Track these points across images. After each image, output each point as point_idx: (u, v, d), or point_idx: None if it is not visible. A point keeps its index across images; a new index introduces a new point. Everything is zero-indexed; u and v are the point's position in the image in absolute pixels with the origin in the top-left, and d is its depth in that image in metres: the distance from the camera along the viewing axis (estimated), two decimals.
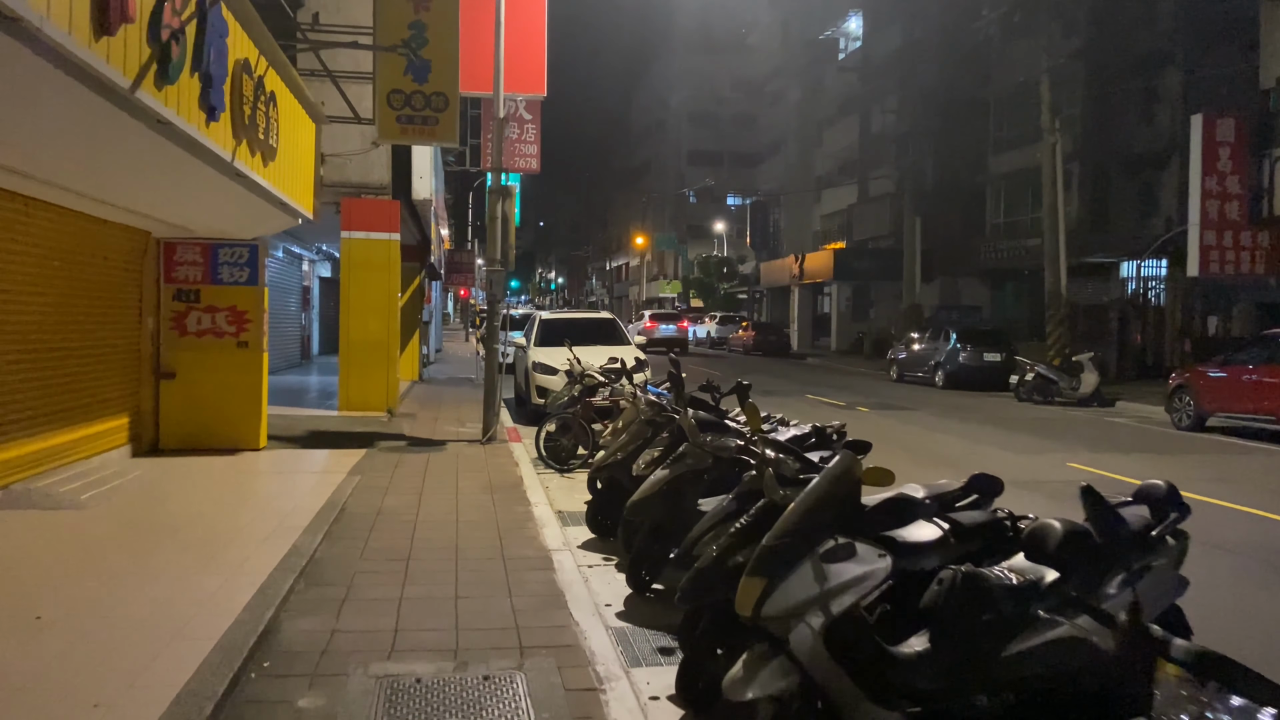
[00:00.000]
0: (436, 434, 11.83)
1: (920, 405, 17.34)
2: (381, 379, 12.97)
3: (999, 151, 32.49)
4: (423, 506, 7.66)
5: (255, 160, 7.46)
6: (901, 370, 23.57)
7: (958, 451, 11.58)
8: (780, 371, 27.27)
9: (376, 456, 10.07)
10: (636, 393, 7.36)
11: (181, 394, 10.19)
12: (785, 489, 4.07)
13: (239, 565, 5.61)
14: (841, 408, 16.37)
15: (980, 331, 22.24)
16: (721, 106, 71.16)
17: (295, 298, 22.93)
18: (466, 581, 5.62)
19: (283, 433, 11.28)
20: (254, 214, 9.13)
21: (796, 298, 41.02)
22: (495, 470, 9.47)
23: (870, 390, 20.86)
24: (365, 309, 12.96)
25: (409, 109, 10.67)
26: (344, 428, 11.90)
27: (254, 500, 7.71)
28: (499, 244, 11.32)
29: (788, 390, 19.96)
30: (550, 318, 15.58)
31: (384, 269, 12.98)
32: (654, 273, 73.61)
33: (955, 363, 21.14)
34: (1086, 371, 17.81)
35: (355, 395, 12.91)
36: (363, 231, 12.86)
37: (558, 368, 13.52)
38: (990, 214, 33.05)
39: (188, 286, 10.28)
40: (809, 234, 47.33)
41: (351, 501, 7.71)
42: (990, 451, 11.58)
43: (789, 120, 50.32)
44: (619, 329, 15.41)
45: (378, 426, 12.07)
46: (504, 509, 7.64)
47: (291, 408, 13.27)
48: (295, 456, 10.07)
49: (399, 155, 13.28)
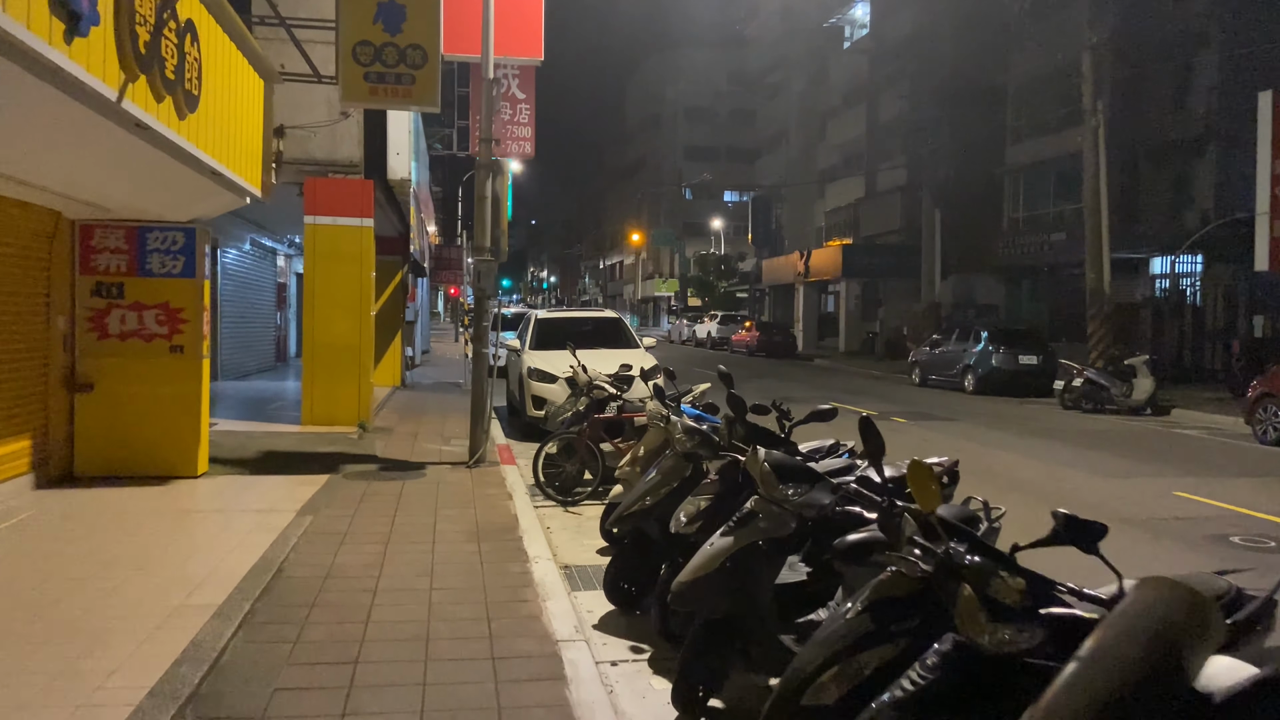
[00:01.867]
0: (415, 454, 10.01)
1: (959, 414, 15.57)
2: (352, 389, 11.14)
3: (1017, 141, 30.79)
4: (387, 564, 5.85)
5: (164, 108, 5.64)
6: (925, 373, 21.81)
7: (1033, 475, 9.82)
8: (790, 374, 25.50)
9: (339, 486, 8.25)
10: (671, 415, 5.56)
11: (102, 410, 8.36)
12: (1000, 627, 2.29)
13: (99, 684, 3.80)
14: (875, 418, 14.57)
15: (1014, 331, 20.49)
16: (719, 101, 69.52)
17: (269, 295, 21.07)
18: (438, 706, 3.82)
19: (230, 454, 9.44)
20: (182, 187, 7.31)
21: (802, 296, 39.26)
22: (484, 505, 7.66)
23: (895, 396, 19.09)
24: (333, 307, 11.14)
25: (379, 65, 8.85)
26: (306, 447, 10.07)
27: (167, 555, 5.89)
28: (488, 229, 9.51)
29: (805, 396, 18.16)
30: (547, 317, 13.77)
31: (355, 260, 11.16)
32: (649, 271, 71.81)
33: (987, 365, 19.39)
34: (1140, 376, 16.08)
35: (321, 408, 11.09)
36: (330, 216, 11.04)
37: (557, 375, 11.72)
38: (1008, 208, 31.34)
39: (109, 279, 8.45)
40: (812, 230, 45.59)
41: (294, 559, 5.89)
42: (1073, 476, 9.81)
43: (790, 113, 48.57)
44: (626, 329, 13.60)
45: (346, 445, 10.24)
46: (494, 567, 5.83)
47: (248, 421, 11.43)
48: (239, 487, 8.24)
49: (372, 128, 11.46)
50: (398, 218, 13.40)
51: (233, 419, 11.60)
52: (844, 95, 41.54)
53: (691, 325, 44.35)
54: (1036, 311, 29.82)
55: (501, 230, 9.59)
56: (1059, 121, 28.67)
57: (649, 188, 71.60)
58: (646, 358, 12.44)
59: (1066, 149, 28.26)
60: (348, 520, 6.96)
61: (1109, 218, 26.72)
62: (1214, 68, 24.46)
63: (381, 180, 11.61)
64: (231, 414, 12.27)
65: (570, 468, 8.38)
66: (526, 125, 18.03)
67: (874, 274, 34.50)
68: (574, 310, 15.83)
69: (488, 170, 9.52)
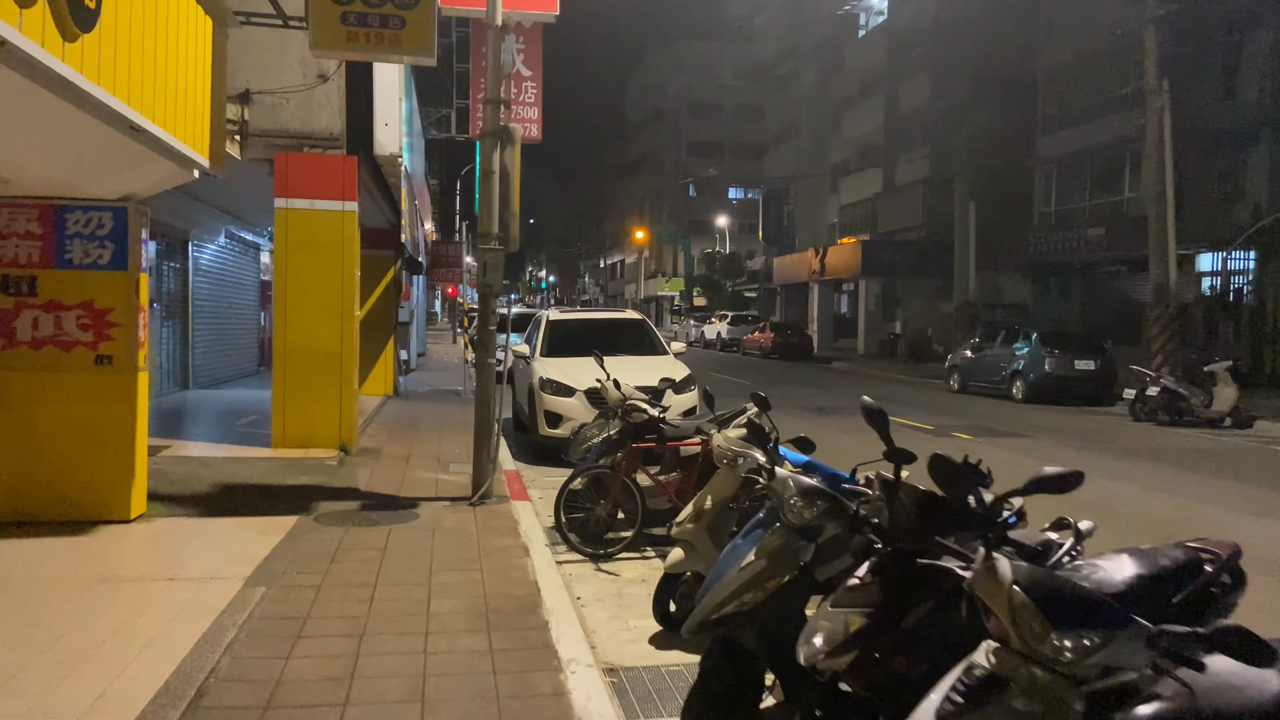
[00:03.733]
0: (406, 487, 8.22)
1: (1023, 427, 13.80)
2: (332, 404, 9.36)
3: (1050, 131, 29.02)
4: (360, 675, 4.08)
5: (33, 18, 3.87)
6: (965, 379, 20.05)
7: (1166, 512, 8.06)
8: (813, 380, 23.74)
9: (307, 537, 6.47)
10: (777, 469, 3.75)
11: (9, 437, 6.61)
12: None
13: None
14: (930, 432, 12.84)
15: (1068, 334, 18.72)
16: (723, 95, 67.77)
17: (251, 294, 19.30)
18: None
19: (178, 489, 7.68)
20: (96, 150, 5.54)
21: (816, 295, 37.49)
22: (493, 565, 5.89)
23: (937, 405, 17.33)
24: (310, 307, 9.36)
25: (360, 4, 7.07)
26: (272, 478, 8.29)
27: (37, 663, 4.12)
28: (496, 212, 7.74)
29: (840, 406, 16.42)
30: (561, 318, 11.99)
31: (335, 251, 9.38)
32: (651, 270, 70.02)
33: (1039, 371, 17.61)
34: (1222, 385, 14.33)
35: (296, 427, 9.31)
36: (305, 199, 9.25)
37: (574, 386, 9.98)
38: (1039, 202, 29.58)
39: (18, 271, 6.69)
40: (824, 227, 43.85)
41: (227, 667, 4.11)
42: (1213, 514, 8.05)
43: (800, 105, 46.80)
44: (651, 333, 11.82)
45: (322, 475, 8.46)
46: (513, 682, 4.06)
47: (209, 443, 9.64)
48: (179, 537, 6.46)
49: (355, 94, 9.69)
50: (388, 204, 11.59)
51: (192, 439, 9.81)
52: (860, 85, 39.78)
53: (699, 326, 42.58)
54: (1065, 312, 28.07)
55: (512, 213, 7.81)
56: (1097, 108, 26.94)
57: (651, 185, 69.80)
58: (678, 366, 10.70)
59: (1105, 138, 26.55)
60: (312, 593, 5.19)
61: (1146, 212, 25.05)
62: (1268, 50, 22.73)
63: (367, 157, 9.83)
64: (193, 432, 10.50)
65: (601, 510, 6.62)
66: (533, 105, 16.25)
67: (895, 272, 32.73)
68: (590, 310, 14.02)
69: (495, 139, 7.74)
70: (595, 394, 9.90)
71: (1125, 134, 25.72)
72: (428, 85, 19.61)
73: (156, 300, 14.00)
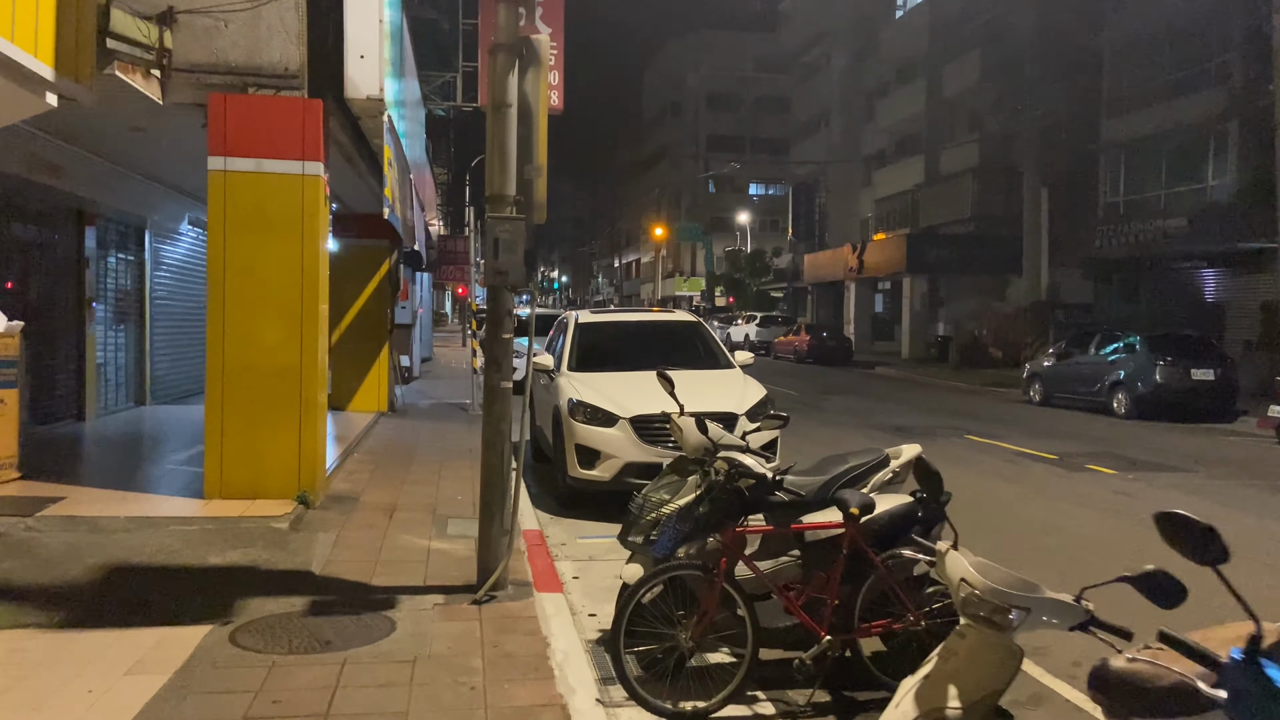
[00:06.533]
0: (382, 567, 5.67)
1: (1165, 455, 11.17)
2: (288, 439, 6.83)
3: (1117, 114, 26.30)
4: None
5: None
6: (1048, 390, 17.40)
7: None
8: (864, 388, 21.12)
9: (206, 679, 3.94)
10: None
11: None
12: None
13: None
14: (1054, 463, 10.26)
15: (1181, 338, 16.02)
16: (744, 87, 65.11)
17: None
18: None
19: (40, 573, 5.18)
20: None
21: (854, 295, 34.83)
22: None
23: (1026, 422, 14.72)
24: (257, 307, 6.83)
25: None
26: (189, 552, 5.76)
27: None
28: (511, 164, 5.20)
29: (918, 425, 13.84)
30: (593, 321, 9.37)
31: (292, 231, 6.84)
32: (669, 269, 67.40)
33: (1149, 382, 14.95)
34: None
35: (238, 472, 6.77)
36: (250, 158, 6.72)
37: (616, 413, 7.44)
38: (1106, 191, 26.85)
39: None
40: (856, 222, 41.23)
41: None
42: None
43: (830, 94, 44.18)
44: (709, 339, 9.22)
45: (264, 548, 5.91)
46: None
47: (122, 491, 7.11)
48: (4, 678, 3.95)
49: (319, 16, 7.15)
50: (373, 173, 8.99)
51: (101, 484, 7.29)
52: (897, 70, 37.12)
53: (725, 328, 39.94)
54: (1131, 313, 25.34)
55: (537, 166, 5.26)
56: (1175, 87, 24.23)
57: (668, 181, 67.23)
58: (750, 385, 8.14)
59: (1185, 119, 23.87)
60: None
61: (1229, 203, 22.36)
62: None
63: (338, 103, 7.31)
64: (108, 472, 7.99)
65: (685, 635, 4.07)
66: (553, 69, 13.72)
67: (944, 269, 30.03)
68: (629, 311, 11.44)
69: (511, 55, 5.19)
70: (648, 425, 7.35)
71: (1209, 114, 23.08)
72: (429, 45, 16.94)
73: (100, 299, 11.56)
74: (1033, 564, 6.15)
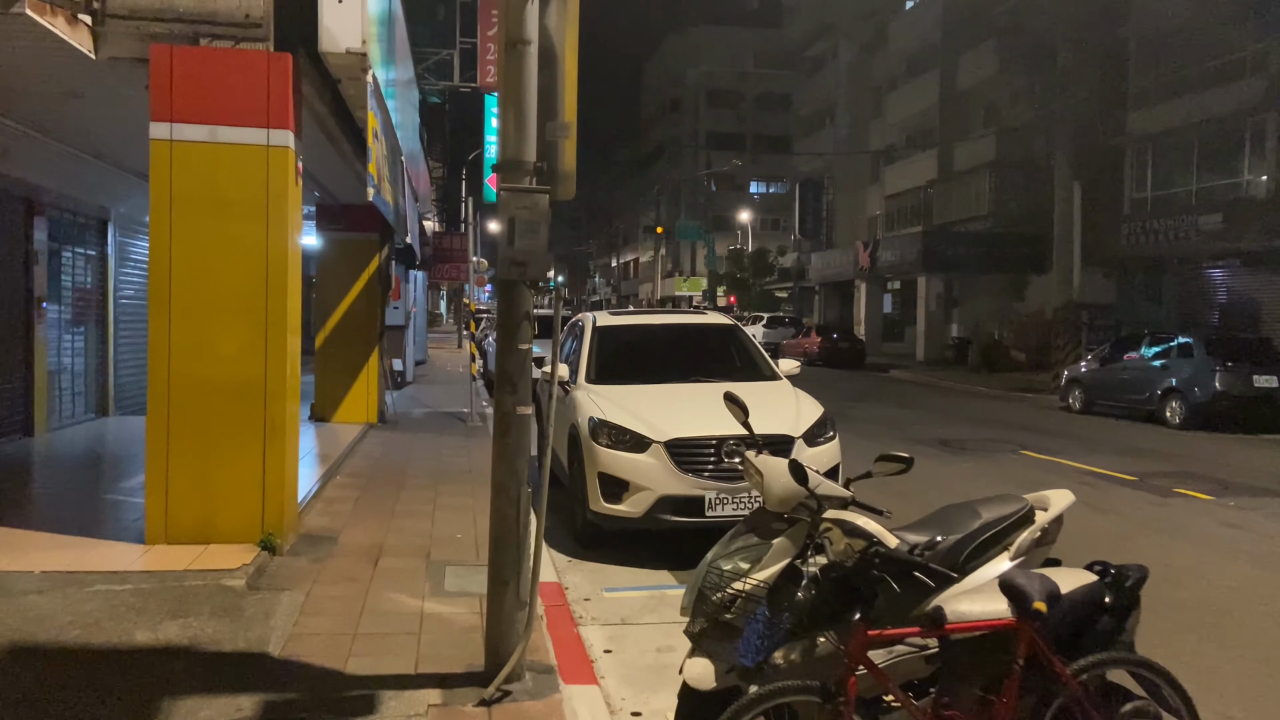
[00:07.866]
0: (359, 645, 4.40)
1: (1253, 476, 9.95)
2: (250, 469, 5.56)
3: (1143, 105, 25.10)
4: None
5: None
6: (1090, 397, 16.18)
7: None
8: (887, 394, 19.90)
9: None
10: None
11: None
12: None
13: None
14: (1133, 484, 9.04)
15: (1240, 341, 14.83)
16: (744, 83, 63.87)
17: None
18: None
19: None
20: None
21: (864, 295, 33.60)
22: None
23: (1074, 434, 13.51)
24: (210, 309, 5.57)
25: None
26: (114, 627, 4.48)
27: None
28: (530, 123, 3.95)
29: (962, 436, 12.62)
30: (614, 324, 8.04)
31: (255, 214, 5.58)
32: (669, 269, 66.16)
33: (1207, 389, 13.73)
34: None
35: (187, 511, 5.51)
36: (203, 124, 5.46)
37: (648, 436, 6.17)
38: (1130, 187, 25.67)
39: None
40: (864, 220, 40.01)
41: None
42: None
43: (836, 89, 42.96)
44: (749, 347, 7.92)
45: (210, 617, 4.64)
46: None
47: (45, 533, 5.84)
48: None
49: None
50: (358, 155, 7.70)
51: (21, 524, 6.00)
52: (908, 62, 35.90)
53: None
54: (1157, 314, 24.16)
55: (565, 124, 4.01)
56: (1207, 77, 23.06)
57: (668, 179, 65.97)
58: (804, 401, 6.89)
59: (1217, 110, 22.70)
60: None
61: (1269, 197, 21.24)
62: None
63: (311, 60, 6.04)
64: (34, 505, 6.71)
65: None
66: None
67: (962, 267, 28.79)
68: (655, 313, 10.13)
69: None
70: (688, 450, 6.10)
71: (1245, 105, 21.90)
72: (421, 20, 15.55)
73: (52, 298, 10.28)
74: (1179, 627, 4.92)
